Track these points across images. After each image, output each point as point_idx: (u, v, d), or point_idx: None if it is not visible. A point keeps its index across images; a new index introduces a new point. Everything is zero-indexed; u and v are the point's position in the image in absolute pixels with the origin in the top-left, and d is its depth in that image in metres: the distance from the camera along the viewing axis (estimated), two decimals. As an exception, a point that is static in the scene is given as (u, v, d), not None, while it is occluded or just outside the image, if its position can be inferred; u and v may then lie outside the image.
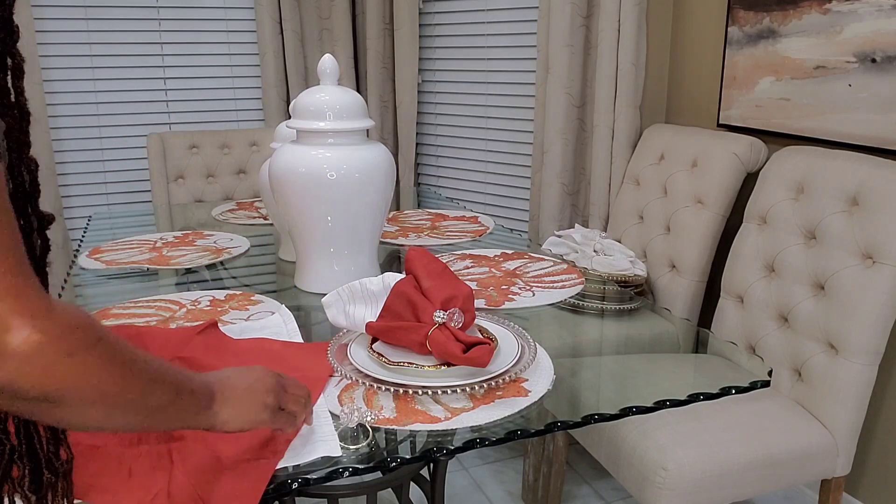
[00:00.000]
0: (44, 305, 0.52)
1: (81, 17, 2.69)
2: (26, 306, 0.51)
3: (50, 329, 0.52)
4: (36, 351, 0.51)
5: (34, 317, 0.51)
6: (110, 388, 0.57)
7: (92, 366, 0.55)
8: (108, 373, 0.57)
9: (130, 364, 0.59)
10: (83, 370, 0.54)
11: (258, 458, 0.82)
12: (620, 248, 2.08)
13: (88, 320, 0.56)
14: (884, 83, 1.69)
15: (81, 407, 0.56)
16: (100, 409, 0.57)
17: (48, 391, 0.53)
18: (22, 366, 0.51)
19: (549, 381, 1.03)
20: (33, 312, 0.51)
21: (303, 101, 1.37)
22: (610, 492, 2.08)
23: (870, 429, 1.82)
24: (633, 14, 2.24)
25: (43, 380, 0.52)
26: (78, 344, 0.54)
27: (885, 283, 1.50)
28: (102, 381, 0.56)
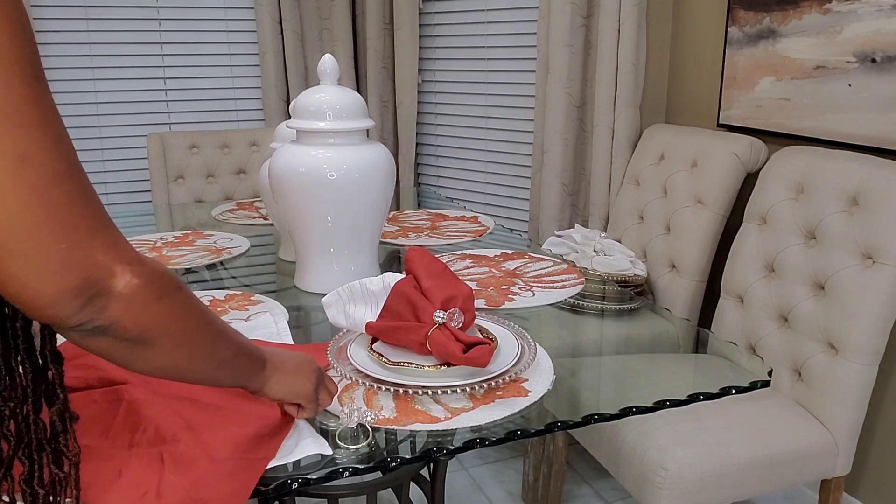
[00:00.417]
0: (136, 255, 0.59)
1: (81, 17, 2.69)
2: (125, 255, 0.58)
3: (145, 274, 0.59)
4: (136, 293, 0.58)
5: (132, 263, 0.58)
6: (192, 332, 0.65)
7: (178, 308, 0.63)
8: (190, 317, 0.64)
9: (205, 313, 0.67)
10: (172, 311, 0.62)
11: (250, 458, 0.82)
12: (620, 248, 2.08)
13: (169, 271, 0.62)
14: (884, 83, 1.69)
15: (170, 349, 0.63)
16: (184, 353, 0.65)
17: (144, 331, 0.60)
18: (126, 306, 0.57)
19: (549, 381, 1.03)
20: (130, 260, 0.58)
21: (303, 101, 1.37)
22: (610, 492, 2.08)
23: (870, 429, 1.82)
24: (633, 14, 2.24)
25: (141, 319, 0.59)
26: (166, 288, 0.61)
27: (885, 283, 1.50)
28: (187, 324, 0.64)
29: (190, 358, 0.66)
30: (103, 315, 0.57)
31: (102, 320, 0.57)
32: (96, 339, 0.58)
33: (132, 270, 0.58)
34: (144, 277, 0.58)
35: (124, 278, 0.57)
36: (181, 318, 0.63)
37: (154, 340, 0.61)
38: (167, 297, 0.61)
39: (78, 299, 0.55)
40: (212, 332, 0.68)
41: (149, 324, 0.60)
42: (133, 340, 0.60)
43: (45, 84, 0.54)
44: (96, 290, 0.56)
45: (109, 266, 0.56)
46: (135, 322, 0.59)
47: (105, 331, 0.58)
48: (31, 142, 0.52)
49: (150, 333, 0.60)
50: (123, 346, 0.60)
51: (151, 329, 0.60)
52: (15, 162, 0.51)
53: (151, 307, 0.59)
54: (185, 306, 0.64)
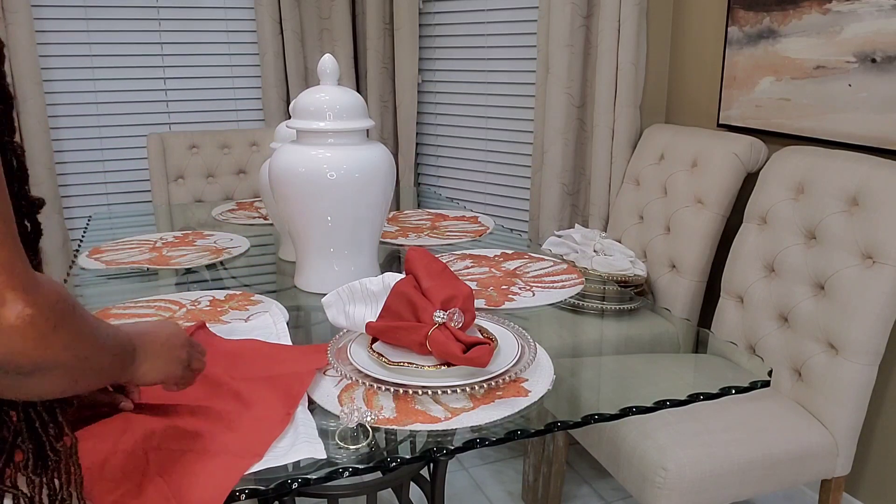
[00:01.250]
0: (32, 280, 0.53)
1: (81, 17, 2.69)
2: (18, 280, 0.51)
3: (39, 302, 0.52)
4: (29, 325, 0.52)
5: (26, 291, 0.52)
6: (84, 356, 0.59)
7: (73, 336, 0.57)
8: (83, 342, 0.58)
9: (94, 332, 0.61)
10: (67, 341, 0.56)
11: (235, 459, 0.82)
12: (620, 248, 2.08)
13: (64, 291, 0.57)
14: (884, 83, 1.69)
15: (60, 377, 0.57)
16: (73, 377, 0.59)
17: (37, 364, 0.54)
18: (19, 340, 0.51)
19: (549, 381, 1.03)
20: (25, 286, 0.52)
21: (303, 101, 1.37)
22: (610, 492, 2.08)
23: (870, 429, 1.82)
24: (633, 14, 2.24)
25: (35, 353, 0.53)
26: (60, 316, 0.55)
27: (885, 283, 1.50)
28: (79, 350, 0.58)
29: (78, 379, 0.60)
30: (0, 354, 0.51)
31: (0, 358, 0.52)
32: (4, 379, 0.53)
33: (25, 299, 0.51)
34: (40, 306, 0.52)
35: (16, 308, 0.51)
36: (75, 345, 0.58)
37: (46, 371, 0.55)
38: (62, 327, 0.55)
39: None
40: (98, 349, 0.62)
41: (42, 357, 0.54)
42: (24, 374, 0.54)
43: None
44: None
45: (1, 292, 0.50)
46: (27, 356, 0.53)
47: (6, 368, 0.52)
48: None
49: (42, 366, 0.54)
50: (11, 380, 0.54)
51: (45, 362, 0.54)
52: None
53: (46, 339, 0.53)
54: (79, 333, 0.58)
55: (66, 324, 0.56)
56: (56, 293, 0.55)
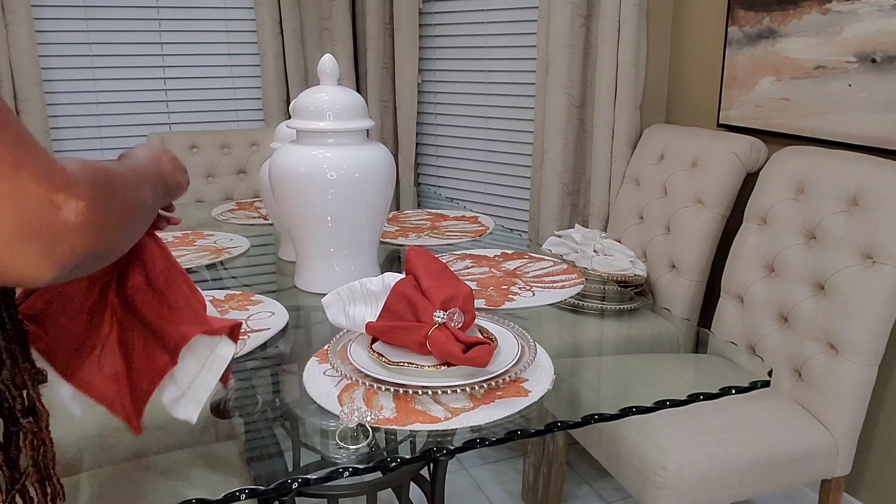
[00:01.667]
0: (68, 173, 0.52)
1: (81, 17, 2.69)
2: (61, 180, 0.51)
3: (84, 192, 0.53)
4: (89, 215, 0.53)
5: (69, 186, 0.51)
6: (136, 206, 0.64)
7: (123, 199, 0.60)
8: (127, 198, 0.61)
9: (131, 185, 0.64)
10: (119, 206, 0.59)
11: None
12: (620, 248, 2.08)
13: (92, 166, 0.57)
14: (884, 83, 1.69)
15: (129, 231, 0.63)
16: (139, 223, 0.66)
17: (113, 237, 0.57)
18: (89, 233, 0.53)
19: (549, 381, 1.03)
20: (67, 182, 0.51)
21: (303, 101, 1.37)
22: (610, 492, 2.08)
23: (870, 429, 1.82)
24: (633, 14, 2.24)
25: (105, 233, 0.55)
26: (105, 193, 0.56)
27: (885, 283, 1.50)
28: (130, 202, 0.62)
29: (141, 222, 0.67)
30: (75, 255, 0.52)
31: (77, 259, 0.53)
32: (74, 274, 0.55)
33: (73, 193, 0.52)
34: (87, 195, 0.53)
35: (70, 207, 0.51)
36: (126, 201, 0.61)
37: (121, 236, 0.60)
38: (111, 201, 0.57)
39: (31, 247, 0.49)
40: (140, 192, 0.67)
41: (112, 229, 0.57)
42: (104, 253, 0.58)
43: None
44: (52, 234, 0.50)
45: (48, 198, 0.50)
46: (104, 238, 0.55)
47: (83, 265, 0.54)
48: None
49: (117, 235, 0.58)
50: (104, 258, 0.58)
51: (116, 231, 0.58)
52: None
53: (107, 215, 0.56)
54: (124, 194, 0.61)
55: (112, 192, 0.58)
56: (88, 171, 0.55)
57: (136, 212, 0.65)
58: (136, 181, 0.66)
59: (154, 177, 0.77)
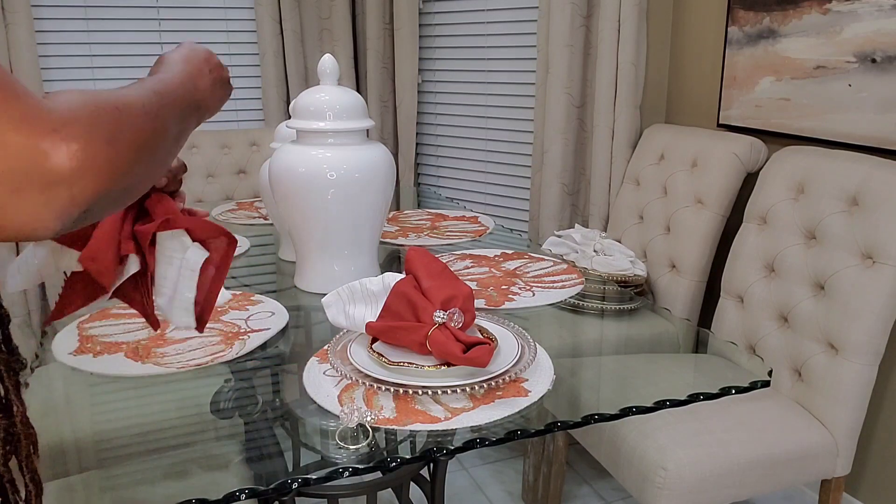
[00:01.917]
0: (55, 116, 0.47)
1: (81, 17, 2.69)
2: (45, 124, 0.46)
3: (78, 132, 0.47)
4: (86, 157, 0.47)
5: (57, 129, 0.46)
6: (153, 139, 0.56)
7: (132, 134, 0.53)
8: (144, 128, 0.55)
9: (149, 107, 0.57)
10: (130, 142, 0.52)
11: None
12: (620, 248, 2.08)
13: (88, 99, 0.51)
14: (884, 83, 1.69)
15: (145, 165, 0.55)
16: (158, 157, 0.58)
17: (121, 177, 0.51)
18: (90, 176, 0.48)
19: (549, 381, 1.03)
20: (54, 126, 0.46)
21: (303, 101, 1.37)
22: (610, 492, 2.09)
23: (870, 429, 1.82)
24: (633, 14, 2.24)
25: (112, 173, 0.50)
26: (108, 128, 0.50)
27: (885, 283, 1.50)
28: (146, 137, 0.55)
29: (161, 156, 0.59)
30: (78, 202, 0.48)
31: (82, 205, 0.48)
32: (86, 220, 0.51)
33: (63, 136, 0.46)
34: (81, 135, 0.47)
35: (60, 151, 0.46)
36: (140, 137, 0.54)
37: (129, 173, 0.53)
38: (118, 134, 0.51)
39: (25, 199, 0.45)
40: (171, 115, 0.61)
41: (123, 169, 0.51)
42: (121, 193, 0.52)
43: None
44: (42, 183, 0.45)
45: (32, 146, 0.45)
46: (111, 180, 0.50)
47: (89, 211, 0.49)
48: None
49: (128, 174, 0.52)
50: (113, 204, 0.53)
51: (126, 171, 0.52)
52: None
53: (110, 155, 0.50)
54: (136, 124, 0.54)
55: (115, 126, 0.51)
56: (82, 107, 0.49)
57: (155, 144, 0.57)
58: (156, 108, 0.59)
59: (185, 97, 0.69)
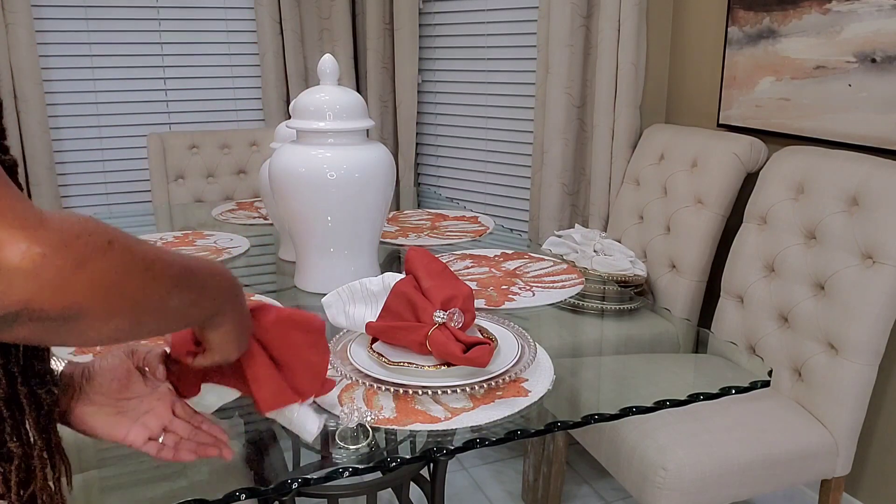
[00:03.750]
0: (33, 216, 0.46)
1: (81, 17, 2.69)
2: (14, 218, 0.45)
3: (48, 239, 0.46)
4: (40, 265, 0.46)
5: (25, 228, 0.45)
6: (133, 293, 0.52)
7: (107, 273, 0.50)
8: (127, 278, 0.51)
9: (149, 266, 0.54)
10: (99, 279, 0.49)
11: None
12: (620, 248, 2.08)
13: (93, 225, 0.50)
14: (884, 83, 1.69)
15: (106, 319, 0.51)
16: (126, 319, 0.53)
17: (68, 307, 0.48)
18: (31, 282, 0.46)
19: (549, 381, 1.03)
20: (23, 224, 0.45)
21: (303, 101, 1.37)
22: (610, 492, 2.08)
23: (870, 429, 1.82)
24: (633, 14, 2.24)
25: (59, 295, 0.47)
26: (85, 252, 0.48)
27: (885, 283, 1.50)
28: (124, 287, 0.51)
29: (136, 322, 0.54)
30: (8, 300, 0.45)
31: (10, 306, 0.46)
32: (15, 329, 0.48)
33: (28, 236, 0.45)
34: (49, 244, 0.46)
35: (17, 247, 0.45)
36: (115, 282, 0.50)
37: (85, 314, 0.49)
38: (92, 262, 0.48)
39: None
40: (160, 286, 0.55)
41: (71, 298, 0.48)
42: (60, 320, 0.49)
43: None
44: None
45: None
46: (54, 300, 0.47)
47: (18, 317, 0.47)
48: None
49: (76, 308, 0.49)
50: (50, 327, 0.49)
51: (78, 303, 0.48)
52: None
53: (71, 278, 0.47)
54: (118, 268, 0.50)
55: (99, 259, 0.49)
56: (76, 227, 0.48)
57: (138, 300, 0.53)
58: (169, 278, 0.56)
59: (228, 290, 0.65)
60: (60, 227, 0.47)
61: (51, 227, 0.47)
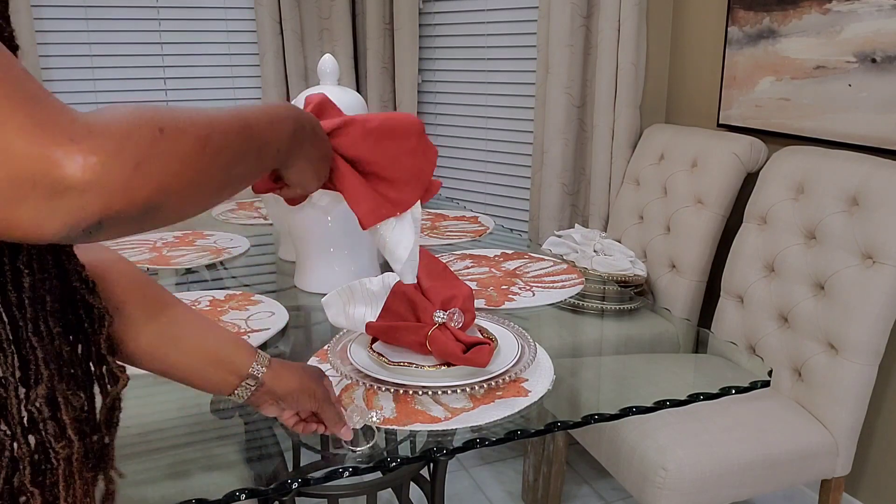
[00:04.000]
0: (81, 125, 0.46)
1: (81, 17, 2.69)
2: (61, 132, 0.45)
3: (101, 147, 0.46)
4: (101, 173, 0.45)
5: (75, 140, 0.45)
6: (197, 177, 0.52)
7: (167, 163, 0.49)
8: (188, 163, 0.51)
9: (206, 143, 0.53)
10: (161, 170, 0.49)
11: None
12: (620, 248, 2.08)
13: (140, 116, 0.49)
14: (884, 83, 1.69)
15: (181, 204, 0.52)
16: (199, 197, 0.54)
17: (142, 204, 0.48)
18: (100, 192, 0.46)
19: (549, 381, 1.03)
20: (72, 136, 0.45)
21: (303, 101, 1.37)
22: (610, 492, 2.09)
23: (870, 429, 1.82)
24: (633, 14, 2.24)
25: (129, 196, 0.47)
26: (139, 149, 0.48)
27: (885, 283, 1.50)
28: (186, 172, 0.51)
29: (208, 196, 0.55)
30: (86, 214, 0.46)
31: (90, 219, 0.46)
32: (99, 236, 0.48)
33: (80, 148, 0.45)
34: (103, 150, 0.46)
35: (75, 162, 0.44)
36: (177, 171, 0.50)
37: (159, 205, 0.50)
38: (148, 159, 0.48)
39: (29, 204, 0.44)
40: (221, 160, 0.55)
41: (144, 195, 0.48)
42: (138, 217, 0.49)
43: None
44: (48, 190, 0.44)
45: (41, 154, 0.44)
46: (126, 202, 0.47)
47: (101, 226, 0.47)
48: None
49: (151, 202, 0.49)
50: (131, 225, 0.49)
51: (150, 198, 0.49)
52: None
53: (134, 178, 0.47)
54: (177, 155, 0.50)
55: (155, 153, 0.48)
56: (126, 124, 0.48)
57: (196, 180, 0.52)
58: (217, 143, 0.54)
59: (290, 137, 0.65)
60: (108, 130, 0.47)
61: (100, 133, 0.46)
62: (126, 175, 0.47)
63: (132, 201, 0.47)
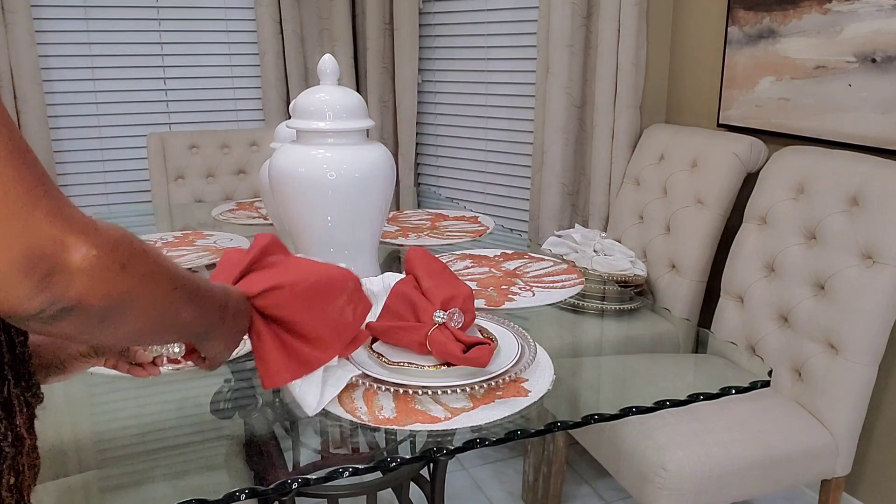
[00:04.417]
0: (89, 222, 0.53)
1: (81, 17, 2.69)
2: (76, 223, 0.52)
3: (103, 244, 0.53)
4: (96, 266, 0.52)
5: (86, 233, 0.52)
6: (159, 300, 0.60)
7: (143, 277, 0.57)
8: (156, 285, 0.59)
9: (172, 276, 0.61)
10: (137, 280, 0.56)
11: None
12: (620, 248, 2.08)
13: (129, 234, 0.57)
14: (884, 83, 1.69)
15: (134, 318, 0.58)
16: (149, 322, 0.60)
17: (112, 304, 0.55)
18: (90, 281, 0.52)
19: (549, 381, 1.03)
20: (84, 229, 0.52)
21: (303, 101, 1.37)
22: (610, 492, 2.08)
23: (870, 429, 1.82)
24: (633, 14, 2.24)
25: (108, 293, 0.54)
26: (127, 255, 0.55)
27: (885, 283, 1.50)
28: (153, 293, 0.59)
29: (155, 326, 0.61)
30: (67, 295, 0.51)
31: (67, 301, 0.51)
32: (61, 324, 0.53)
33: (87, 240, 0.52)
34: (103, 247, 0.53)
35: (80, 250, 0.51)
36: (148, 283, 0.58)
37: (121, 312, 0.56)
38: (131, 265, 0.55)
39: (28, 279, 0.49)
40: (179, 297, 0.63)
41: (116, 296, 0.55)
42: (100, 317, 0.55)
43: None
44: (50, 268, 0.50)
45: (59, 238, 0.50)
46: (101, 297, 0.53)
47: (71, 312, 0.52)
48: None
49: (117, 306, 0.55)
50: (90, 323, 0.55)
51: (119, 301, 0.55)
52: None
53: (116, 277, 0.54)
54: (151, 274, 0.58)
55: (135, 263, 0.56)
56: (120, 233, 0.55)
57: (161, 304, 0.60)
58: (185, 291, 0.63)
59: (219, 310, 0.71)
60: (108, 232, 0.54)
61: (102, 233, 0.53)
62: (111, 273, 0.54)
63: (105, 298, 0.54)
